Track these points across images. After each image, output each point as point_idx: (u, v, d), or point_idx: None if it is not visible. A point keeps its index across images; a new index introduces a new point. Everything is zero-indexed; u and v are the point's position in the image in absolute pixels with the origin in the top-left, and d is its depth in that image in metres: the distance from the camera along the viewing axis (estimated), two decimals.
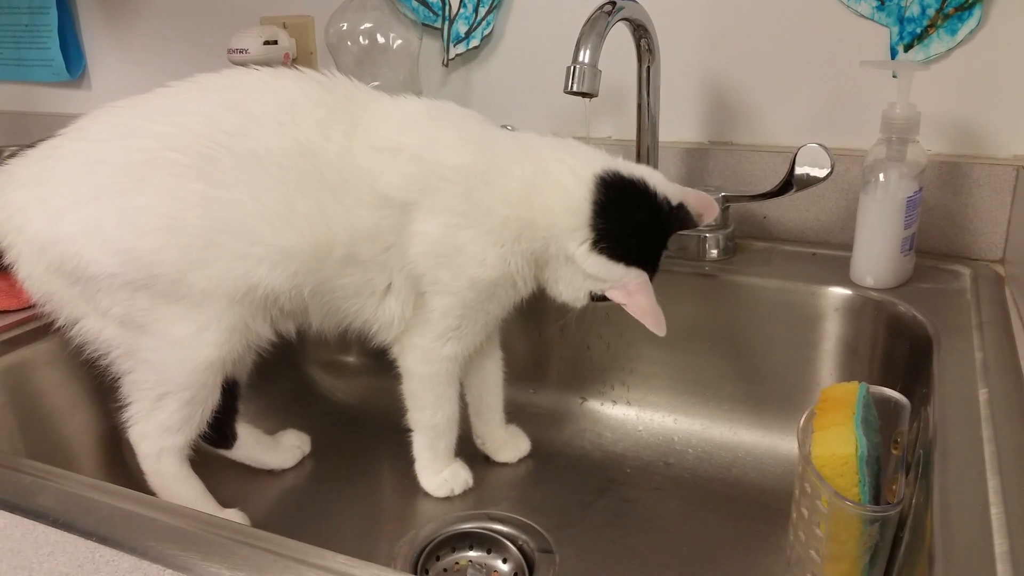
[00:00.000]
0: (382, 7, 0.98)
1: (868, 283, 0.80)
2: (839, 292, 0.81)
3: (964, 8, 0.80)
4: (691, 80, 0.95)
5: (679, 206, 0.69)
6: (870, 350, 0.80)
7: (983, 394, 0.58)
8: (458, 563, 0.72)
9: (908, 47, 0.84)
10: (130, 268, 0.62)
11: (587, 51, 0.71)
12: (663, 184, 0.69)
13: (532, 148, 0.69)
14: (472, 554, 0.73)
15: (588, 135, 0.98)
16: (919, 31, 0.83)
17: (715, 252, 0.89)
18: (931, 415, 0.58)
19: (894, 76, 0.81)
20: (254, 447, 0.82)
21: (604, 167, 0.67)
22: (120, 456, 0.78)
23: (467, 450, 0.81)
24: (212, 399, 0.69)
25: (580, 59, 0.71)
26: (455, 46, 1.05)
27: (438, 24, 1.05)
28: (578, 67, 0.71)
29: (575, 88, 0.71)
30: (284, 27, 1.10)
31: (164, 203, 0.62)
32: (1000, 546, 0.43)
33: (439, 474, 0.77)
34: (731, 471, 0.82)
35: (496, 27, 1.02)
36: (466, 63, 1.06)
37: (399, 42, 0.99)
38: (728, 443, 0.85)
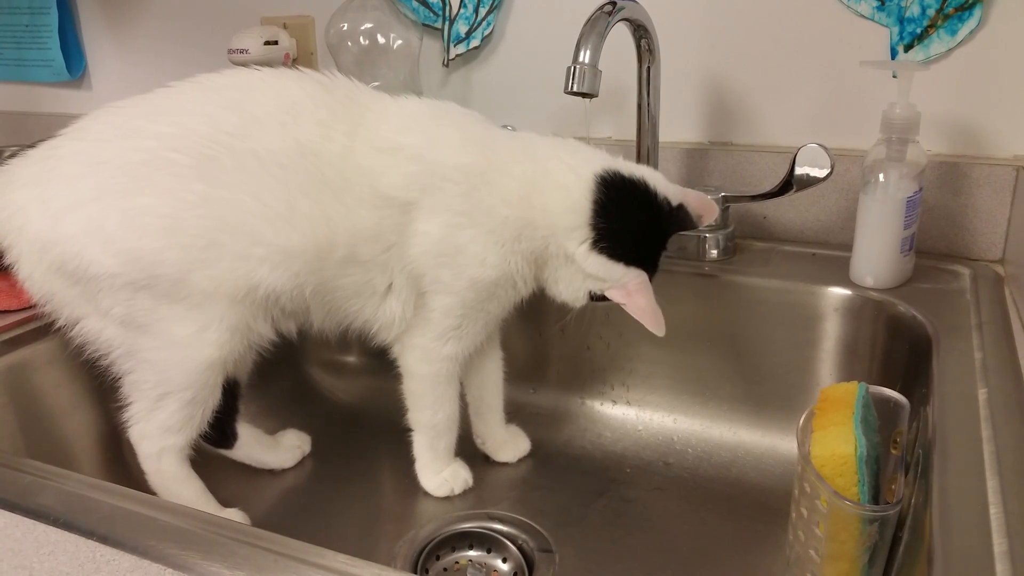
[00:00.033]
0: (382, 7, 0.98)
1: (868, 283, 0.80)
2: (839, 292, 0.81)
3: (964, 8, 0.80)
4: (691, 80, 0.95)
5: (679, 207, 0.69)
6: (870, 350, 0.80)
7: (982, 394, 0.58)
8: (458, 563, 0.72)
9: (908, 47, 0.84)
10: (131, 268, 0.62)
11: (587, 51, 0.71)
12: (663, 184, 0.69)
13: (532, 148, 0.69)
14: (472, 554, 0.73)
15: (588, 135, 0.98)
16: (919, 31, 0.83)
17: (715, 252, 0.89)
18: (930, 415, 0.58)
19: (894, 76, 0.81)
20: (255, 447, 0.82)
21: (604, 167, 0.68)
22: (120, 456, 0.78)
23: (467, 450, 0.81)
24: (213, 399, 0.69)
25: (580, 59, 0.71)
26: (455, 46, 1.05)
27: (438, 24, 1.05)
28: (578, 67, 0.71)
29: (575, 88, 0.71)
30: (284, 27, 1.10)
31: (165, 203, 0.62)
32: (999, 546, 0.43)
33: (439, 474, 0.78)
34: (731, 471, 0.82)
35: (496, 27, 1.02)
36: (466, 63, 1.06)
37: (399, 42, 0.99)
38: (728, 443, 0.85)
